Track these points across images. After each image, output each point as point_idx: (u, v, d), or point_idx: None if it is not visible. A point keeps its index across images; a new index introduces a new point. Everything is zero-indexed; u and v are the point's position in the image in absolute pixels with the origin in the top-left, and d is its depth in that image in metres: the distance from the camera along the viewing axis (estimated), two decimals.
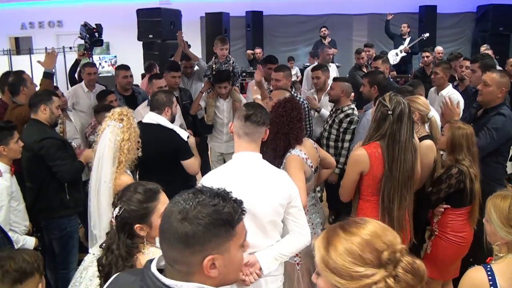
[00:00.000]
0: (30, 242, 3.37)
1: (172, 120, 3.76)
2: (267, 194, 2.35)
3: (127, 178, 2.81)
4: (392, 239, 1.25)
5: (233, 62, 5.71)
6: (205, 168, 4.87)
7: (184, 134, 3.72)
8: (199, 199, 1.26)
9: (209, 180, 2.38)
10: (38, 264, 2.14)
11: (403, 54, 9.27)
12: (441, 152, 3.45)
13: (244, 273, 2.38)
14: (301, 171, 2.99)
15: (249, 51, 10.90)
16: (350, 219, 1.34)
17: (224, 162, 4.88)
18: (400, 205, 2.84)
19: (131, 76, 5.60)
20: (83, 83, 5.65)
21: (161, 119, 3.66)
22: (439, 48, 8.63)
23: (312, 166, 3.14)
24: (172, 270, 1.27)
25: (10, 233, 3.14)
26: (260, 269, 2.39)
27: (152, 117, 3.67)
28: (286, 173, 2.50)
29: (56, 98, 3.73)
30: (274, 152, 3.09)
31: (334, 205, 5.23)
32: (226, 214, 1.28)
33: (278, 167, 3.09)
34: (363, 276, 1.19)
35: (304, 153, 3.07)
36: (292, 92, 4.85)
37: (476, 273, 1.95)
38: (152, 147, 3.51)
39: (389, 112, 2.81)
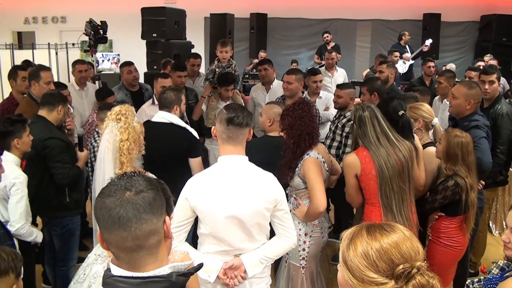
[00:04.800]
0: (40, 236, 3.35)
1: (181, 118, 3.75)
2: (252, 197, 2.32)
3: None
4: (413, 254, 1.26)
5: (234, 66, 5.74)
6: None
7: (195, 132, 3.73)
8: (127, 179, 1.30)
9: (195, 184, 2.35)
10: (15, 264, 2.10)
11: (411, 62, 9.23)
12: None
13: (228, 276, 2.37)
14: (320, 174, 3.02)
15: (255, 61, 10.71)
16: (380, 223, 1.36)
17: None
18: (399, 199, 2.93)
19: (136, 70, 5.58)
20: (73, 81, 5.58)
21: (173, 118, 3.64)
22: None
23: (327, 170, 3.19)
24: (142, 254, 1.27)
25: (27, 225, 3.16)
26: (245, 271, 2.38)
27: (163, 116, 3.65)
28: (273, 176, 2.45)
29: (67, 103, 3.77)
30: (294, 155, 3.10)
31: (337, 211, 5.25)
32: (155, 181, 1.35)
33: (294, 169, 3.10)
34: (373, 282, 1.23)
35: (321, 156, 3.11)
36: (304, 96, 4.87)
37: None
38: (164, 146, 3.51)
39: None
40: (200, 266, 1.38)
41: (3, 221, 3.02)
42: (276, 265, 3.48)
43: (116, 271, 1.28)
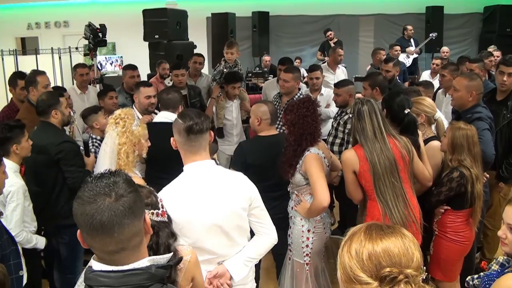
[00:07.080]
0: (42, 241, 3.34)
1: None
2: (227, 199, 2.26)
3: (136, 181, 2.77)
4: (404, 260, 1.23)
5: (239, 65, 5.87)
6: None
7: None
8: (107, 182, 1.29)
9: (167, 195, 2.18)
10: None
11: (415, 55, 9.16)
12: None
13: (214, 285, 2.29)
14: (322, 170, 3.03)
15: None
16: (382, 224, 1.34)
17: None
18: (393, 195, 2.91)
19: (138, 76, 5.58)
20: (75, 85, 5.59)
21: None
22: (444, 48, 8.54)
23: (328, 165, 3.19)
24: (124, 254, 1.30)
25: (24, 232, 3.14)
26: (230, 278, 2.31)
27: (166, 116, 3.68)
28: (243, 175, 2.40)
29: (63, 98, 3.66)
30: (294, 152, 3.10)
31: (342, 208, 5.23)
32: (132, 180, 1.38)
33: (295, 166, 3.10)
34: (358, 281, 1.23)
35: (322, 152, 3.12)
36: (300, 94, 4.85)
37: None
38: (168, 146, 3.50)
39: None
40: (180, 259, 1.42)
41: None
42: (280, 264, 3.48)
43: (97, 266, 1.30)
